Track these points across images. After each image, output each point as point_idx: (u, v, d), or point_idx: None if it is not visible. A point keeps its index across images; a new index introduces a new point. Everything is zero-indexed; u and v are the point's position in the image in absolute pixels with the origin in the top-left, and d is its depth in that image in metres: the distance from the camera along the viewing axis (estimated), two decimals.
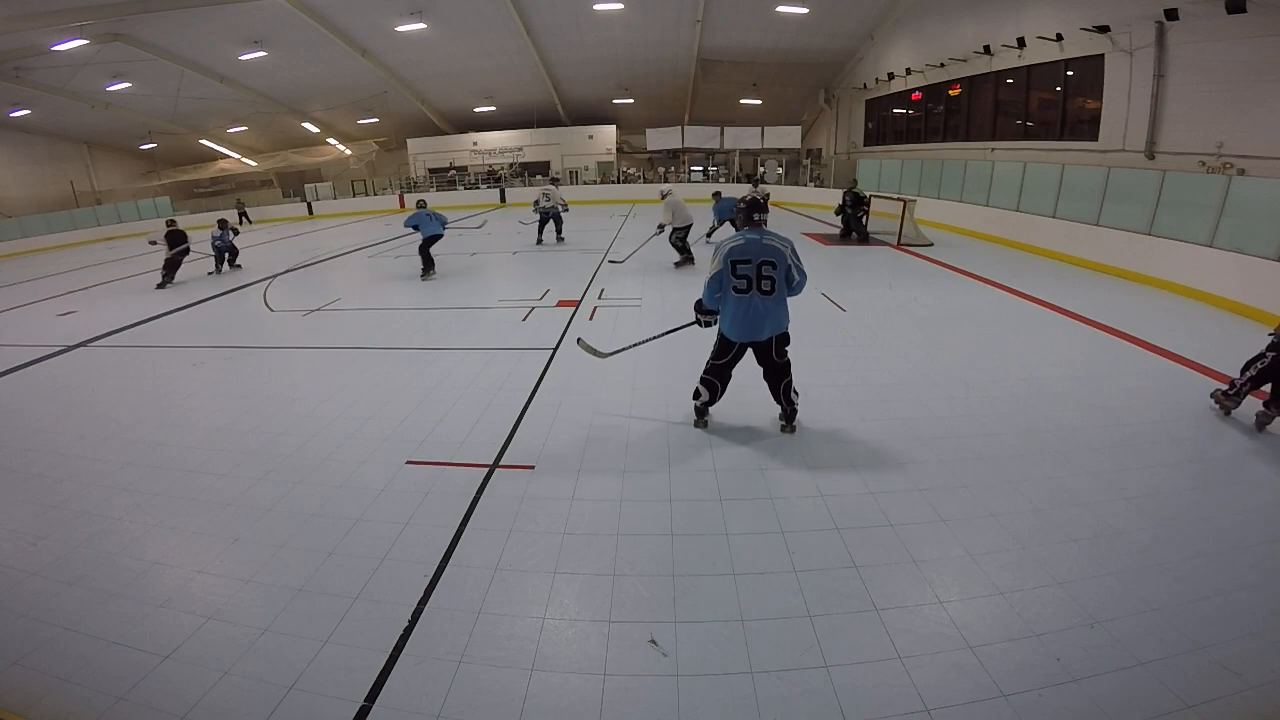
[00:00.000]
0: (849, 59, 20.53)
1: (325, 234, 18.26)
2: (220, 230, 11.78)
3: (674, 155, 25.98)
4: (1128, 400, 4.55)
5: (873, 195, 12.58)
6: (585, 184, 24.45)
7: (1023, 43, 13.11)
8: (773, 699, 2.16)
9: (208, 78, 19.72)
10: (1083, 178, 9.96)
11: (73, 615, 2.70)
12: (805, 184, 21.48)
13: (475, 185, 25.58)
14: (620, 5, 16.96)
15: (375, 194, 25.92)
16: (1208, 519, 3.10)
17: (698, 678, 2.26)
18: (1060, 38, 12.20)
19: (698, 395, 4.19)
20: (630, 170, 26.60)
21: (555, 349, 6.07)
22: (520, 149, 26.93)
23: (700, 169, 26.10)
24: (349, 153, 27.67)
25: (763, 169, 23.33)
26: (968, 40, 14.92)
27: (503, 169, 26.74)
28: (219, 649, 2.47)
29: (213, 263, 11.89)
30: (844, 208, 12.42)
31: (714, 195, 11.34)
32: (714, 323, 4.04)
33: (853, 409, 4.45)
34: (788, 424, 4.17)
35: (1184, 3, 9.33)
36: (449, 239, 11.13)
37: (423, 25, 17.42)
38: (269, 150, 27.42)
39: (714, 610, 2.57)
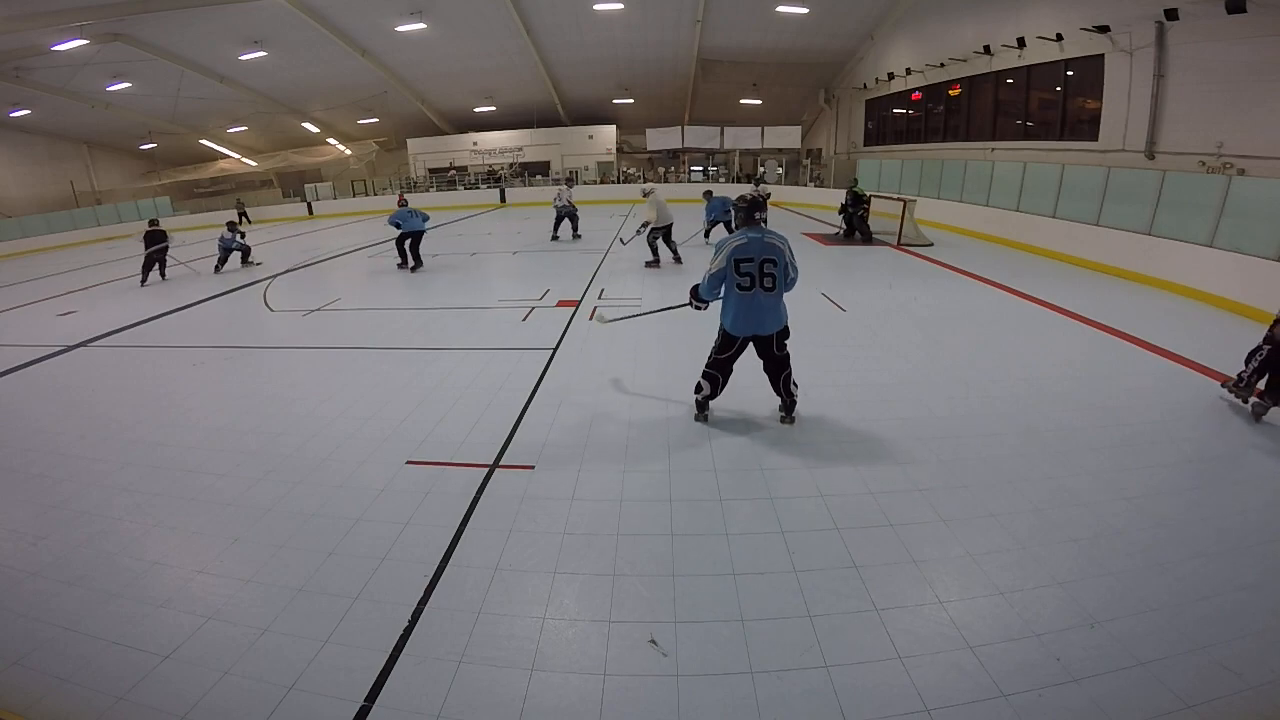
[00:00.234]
0: (849, 59, 20.54)
1: (325, 234, 18.26)
2: (230, 233, 12.07)
3: (674, 155, 25.97)
4: (1128, 400, 4.55)
5: (873, 195, 12.58)
6: (585, 184, 24.44)
7: (1023, 43, 13.11)
8: (773, 699, 2.16)
9: (208, 78, 19.73)
10: (1083, 178, 9.96)
11: (73, 615, 2.70)
12: (805, 184, 21.49)
13: (475, 185, 25.57)
14: (620, 5, 16.96)
15: (375, 194, 25.91)
16: (1208, 519, 3.10)
17: (698, 678, 2.26)
18: (1060, 38, 12.20)
19: (699, 389, 4.28)
20: (630, 170, 26.59)
21: (555, 349, 6.07)
22: (520, 149, 26.93)
23: (700, 169, 26.09)
24: (349, 153, 27.68)
25: (763, 169, 23.32)
26: (968, 40, 14.91)
27: (503, 169, 26.74)
28: (219, 649, 2.47)
29: (216, 261, 12.07)
30: (845, 207, 12.43)
31: (705, 194, 11.50)
32: (704, 308, 4.30)
33: (853, 409, 4.45)
34: (787, 415, 4.27)
35: (1184, 3, 9.33)
36: (449, 239, 11.21)
37: (423, 25, 17.42)
38: (269, 150, 27.43)
39: (714, 610, 2.57)
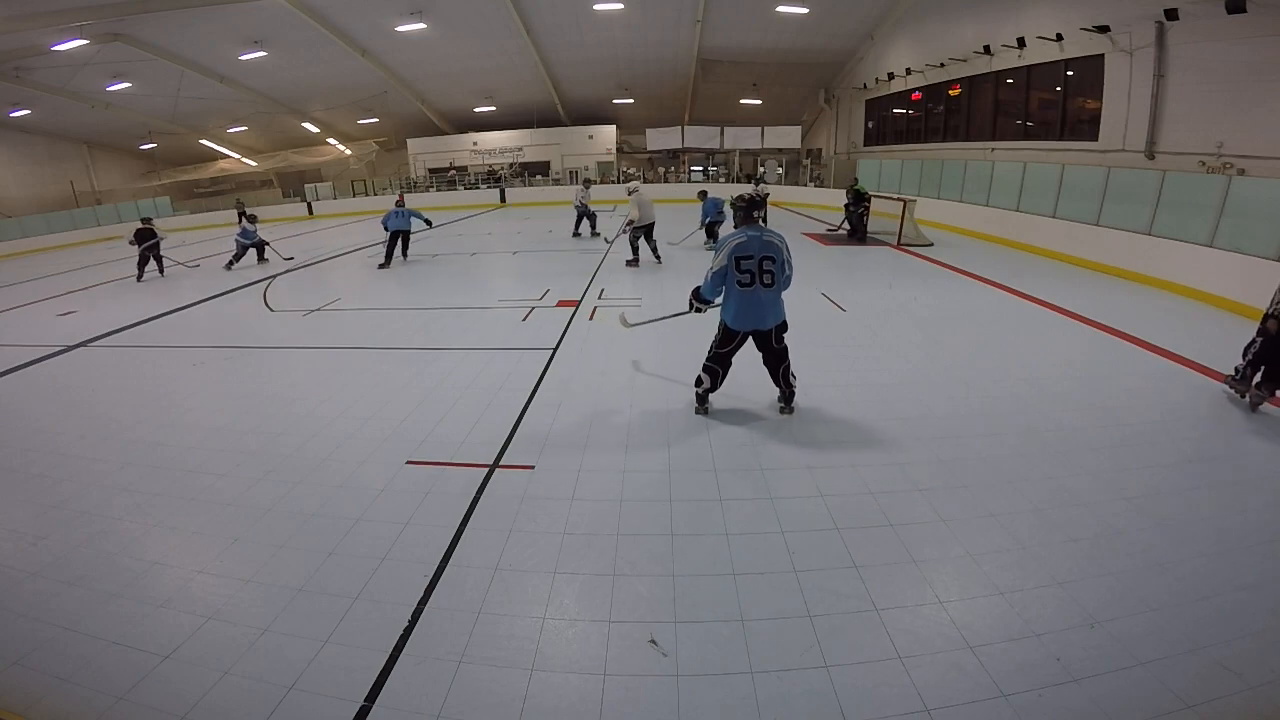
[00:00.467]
0: (849, 59, 20.53)
1: (325, 234, 18.25)
2: (251, 225, 12.45)
3: (674, 155, 25.97)
4: (1128, 400, 4.55)
5: (873, 195, 12.57)
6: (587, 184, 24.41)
7: (1023, 43, 13.10)
8: (773, 699, 2.16)
9: (208, 78, 19.72)
10: (1083, 178, 9.96)
11: (73, 615, 2.70)
12: (805, 184, 21.48)
13: (475, 185, 25.56)
14: (620, 5, 16.94)
15: (375, 194, 25.90)
16: (1208, 519, 3.10)
17: (698, 678, 2.26)
18: (1060, 38, 12.19)
19: (700, 383, 4.38)
20: (630, 170, 26.57)
21: (555, 349, 6.07)
22: (520, 149, 26.91)
23: (700, 169, 26.08)
24: (349, 153, 27.66)
25: (763, 169, 23.31)
26: (968, 40, 14.91)
27: (503, 169, 26.73)
28: (219, 649, 2.47)
29: (232, 257, 12.37)
30: (848, 206, 12.44)
31: (700, 194, 11.71)
32: (704, 310, 4.42)
33: (853, 409, 4.45)
34: (787, 405, 4.40)
35: (1184, 3, 9.33)
36: (449, 239, 11.23)
37: (423, 25, 17.40)
38: (269, 150, 27.41)
39: (714, 610, 2.57)
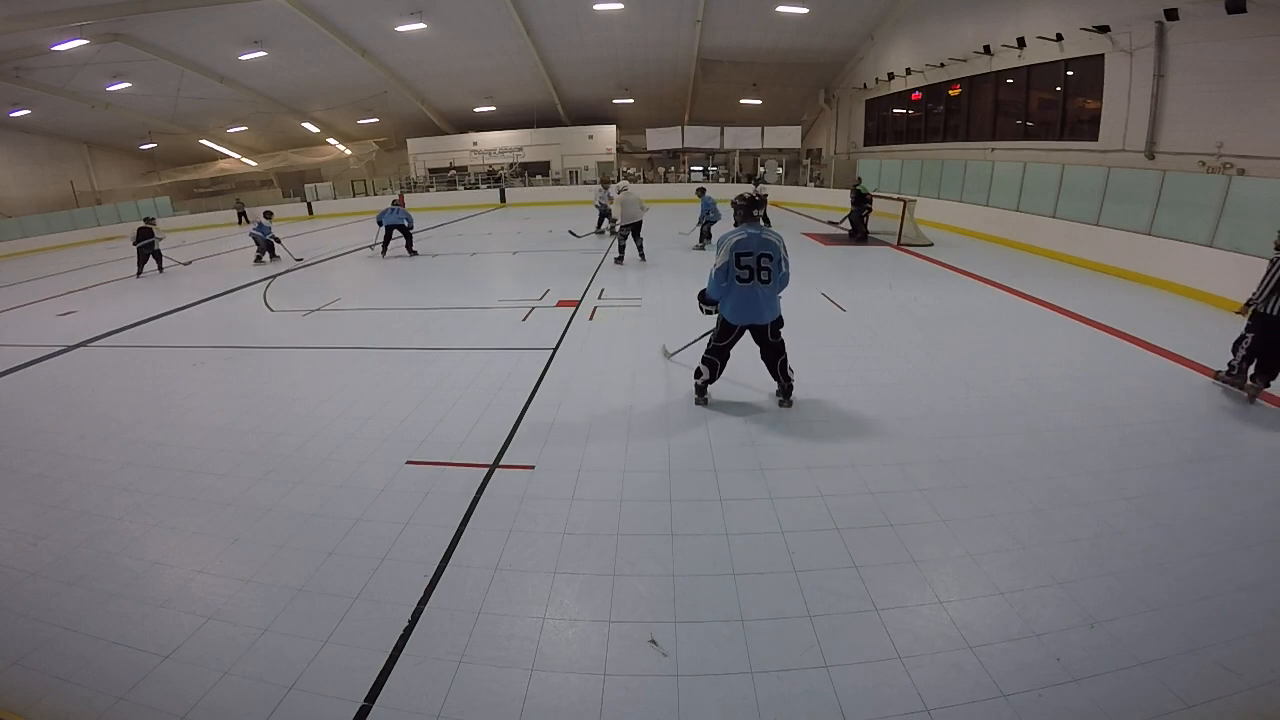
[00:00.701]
0: (849, 59, 20.53)
1: (325, 234, 18.25)
2: (268, 221, 12.97)
3: (674, 155, 25.97)
4: (1128, 400, 4.55)
5: (874, 195, 12.57)
6: (585, 184, 24.43)
7: (1023, 43, 13.11)
8: (773, 699, 2.16)
9: (208, 78, 19.72)
10: (1083, 178, 9.96)
11: (73, 615, 2.70)
12: (805, 184, 21.49)
13: (475, 185, 25.56)
14: (620, 5, 16.94)
15: (375, 194, 25.89)
16: (1208, 519, 3.10)
17: (698, 678, 2.26)
18: (1060, 38, 12.19)
19: (699, 374, 4.54)
20: (630, 170, 26.57)
21: (555, 349, 6.07)
22: (520, 149, 26.91)
23: (700, 169, 26.09)
24: (349, 153, 27.66)
25: (763, 169, 23.31)
26: (968, 40, 14.91)
27: (503, 169, 26.73)
28: (219, 649, 2.47)
29: (256, 253, 12.91)
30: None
31: (698, 191, 12.11)
32: (714, 311, 4.40)
33: (853, 409, 4.45)
34: (785, 399, 4.50)
35: (1184, 3, 9.33)
36: (449, 239, 11.28)
37: (423, 25, 17.41)
38: (269, 150, 27.41)
39: (714, 610, 2.57)
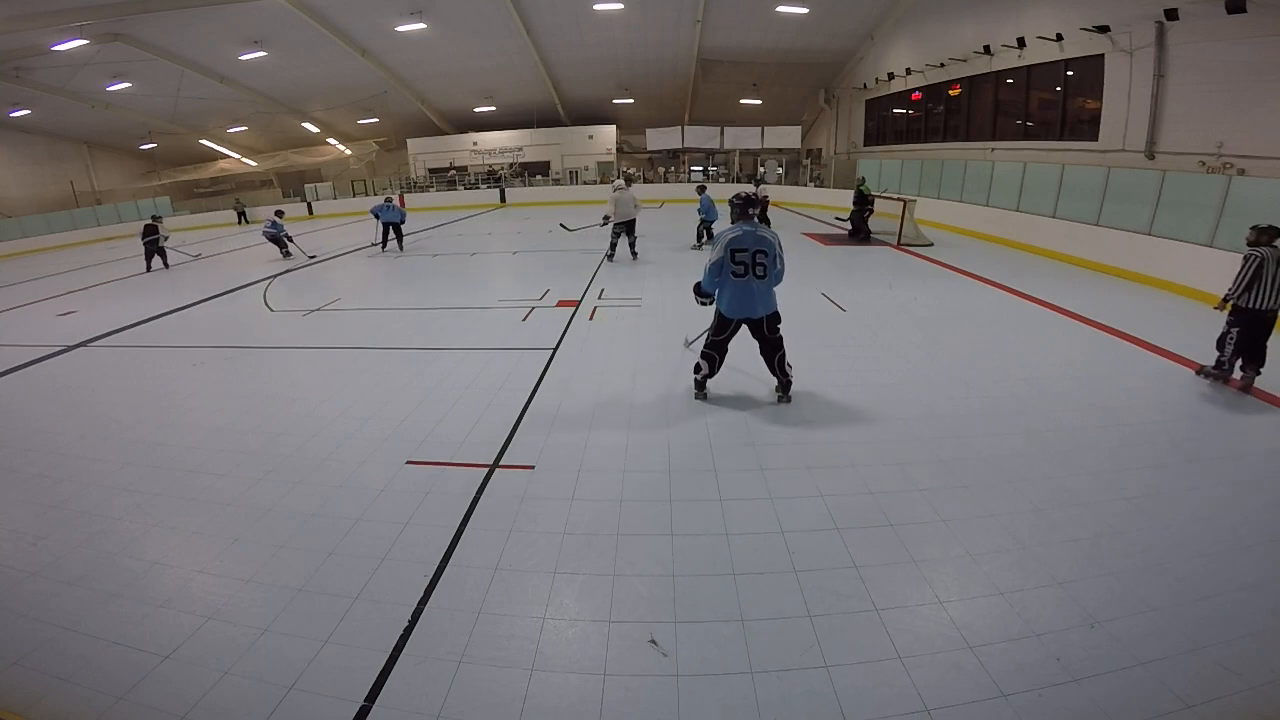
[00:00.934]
0: (849, 59, 20.52)
1: (325, 234, 18.23)
2: (279, 218, 13.39)
3: (674, 155, 25.97)
4: (1128, 400, 4.55)
5: (876, 195, 12.57)
6: (585, 184, 24.44)
7: (1023, 43, 13.10)
8: (773, 699, 2.16)
9: (208, 78, 19.71)
10: (1083, 178, 9.96)
11: (73, 615, 2.70)
12: (805, 184, 21.48)
13: (475, 185, 25.56)
14: (620, 5, 16.94)
15: (375, 194, 25.86)
16: (1208, 519, 3.10)
17: (698, 678, 2.26)
18: (1060, 38, 12.19)
19: (698, 369, 4.65)
20: (630, 170, 26.57)
21: (555, 349, 6.07)
22: (520, 149, 26.90)
23: (700, 169, 26.09)
24: (349, 153, 27.65)
25: (763, 169, 23.31)
26: (968, 40, 14.90)
27: (503, 169, 26.72)
28: (219, 649, 2.47)
29: (276, 251, 13.52)
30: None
31: (699, 189, 12.30)
32: (708, 303, 4.53)
33: (853, 409, 4.45)
34: (784, 394, 4.60)
35: (1184, 3, 9.32)
36: (449, 239, 11.34)
37: (423, 25, 17.40)
38: (269, 150, 27.40)
39: (714, 610, 2.57)
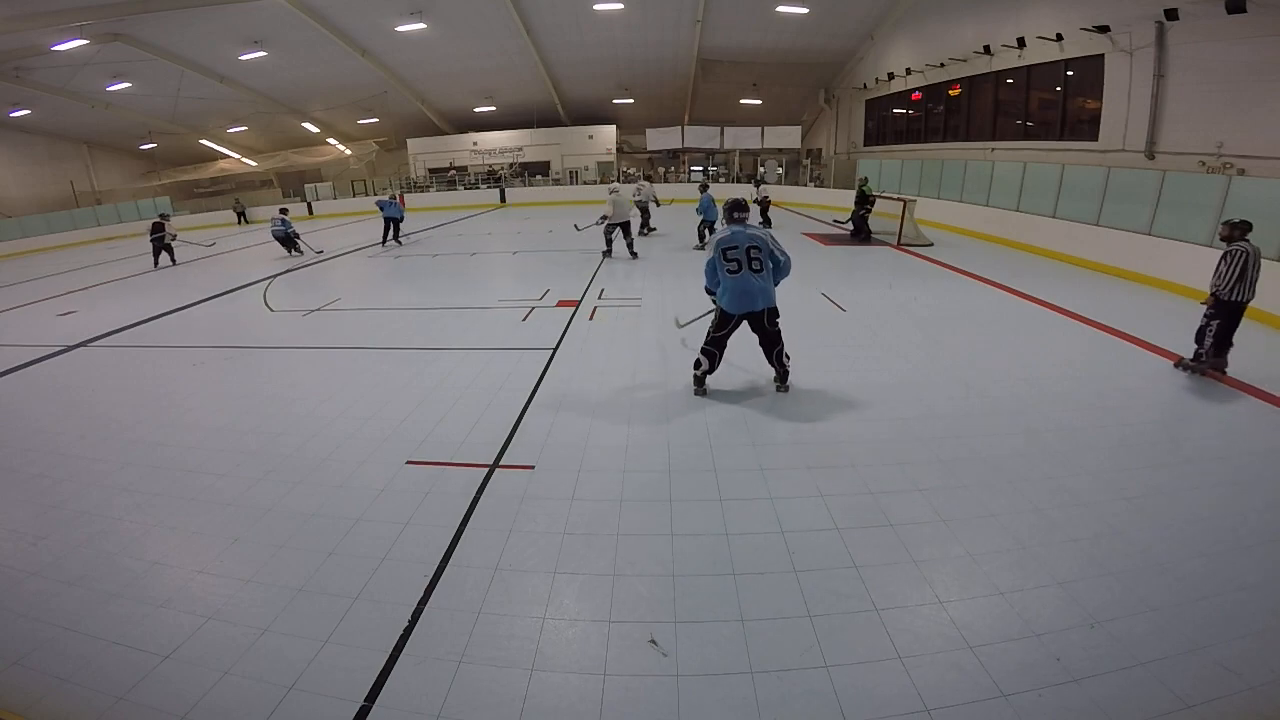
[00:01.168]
0: (849, 59, 20.52)
1: (325, 234, 18.23)
2: (283, 215, 13.64)
3: (674, 155, 25.97)
4: (1128, 400, 4.55)
5: (876, 196, 12.57)
6: (585, 184, 24.44)
7: (1023, 43, 13.10)
8: (773, 699, 2.16)
9: (208, 78, 19.70)
10: (1083, 178, 9.95)
11: (73, 615, 2.70)
12: (805, 184, 21.48)
13: (475, 185, 25.56)
14: (620, 5, 16.94)
15: (375, 194, 25.87)
16: (1207, 519, 3.10)
17: (698, 678, 2.26)
18: (1060, 38, 12.19)
19: (698, 365, 4.72)
20: (630, 170, 26.57)
21: (555, 349, 6.07)
22: (520, 149, 26.89)
23: (700, 169, 26.10)
24: (349, 153, 27.64)
25: (763, 169, 23.31)
26: (968, 40, 14.90)
27: (503, 169, 26.72)
28: (219, 649, 2.47)
29: (289, 249, 13.67)
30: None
31: (701, 188, 12.44)
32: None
33: (853, 409, 4.45)
34: (782, 384, 4.77)
35: (1184, 3, 9.33)
36: (449, 239, 11.39)
37: (423, 25, 17.40)
38: (269, 150, 27.39)
39: (714, 610, 2.57)
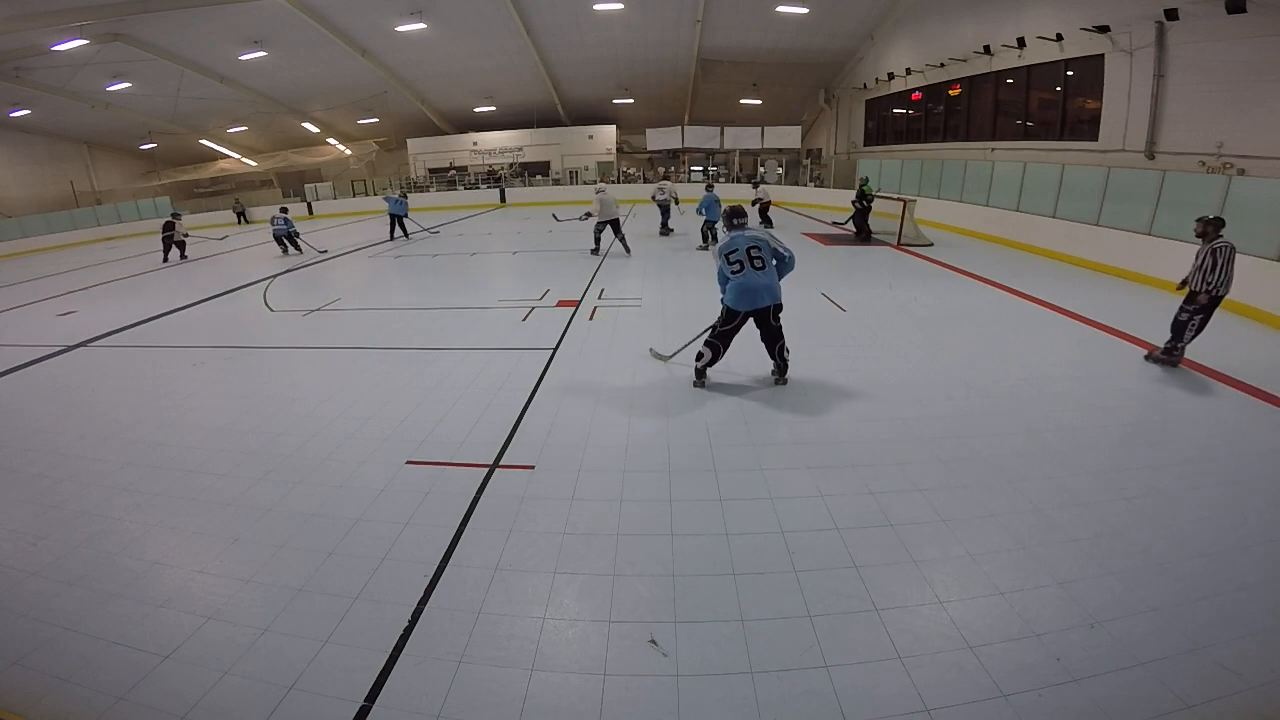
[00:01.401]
0: (849, 59, 20.53)
1: (325, 234, 18.22)
2: (282, 214, 13.92)
3: (674, 155, 25.98)
4: (1128, 400, 4.55)
5: (875, 195, 12.57)
6: (585, 184, 24.44)
7: (1023, 43, 13.11)
8: (773, 699, 2.16)
9: (208, 78, 19.71)
10: (1083, 178, 9.95)
11: (73, 615, 2.70)
12: (805, 184, 21.49)
13: (475, 185, 25.56)
14: (620, 5, 16.95)
15: (375, 194, 25.87)
16: (1208, 519, 3.10)
17: (698, 678, 2.26)
18: (1060, 38, 12.19)
19: (700, 357, 4.84)
20: (630, 170, 26.58)
21: (555, 349, 6.07)
22: (520, 149, 26.90)
23: (700, 169, 26.11)
24: (349, 153, 27.64)
25: (763, 169, 23.32)
26: (968, 40, 14.91)
27: (503, 169, 26.73)
28: (219, 649, 2.47)
29: (284, 248, 13.90)
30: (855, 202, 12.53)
31: (707, 187, 12.75)
32: None
33: (853, 409, 4.45)
34: (780, 376, 4.92)
35: (1184, 3, 9.33)
36: (449, 239, 11.45)
37: (423, 25, 17.41)
38: (269, 150, 27.40)
39: (714, 610, 2.57)
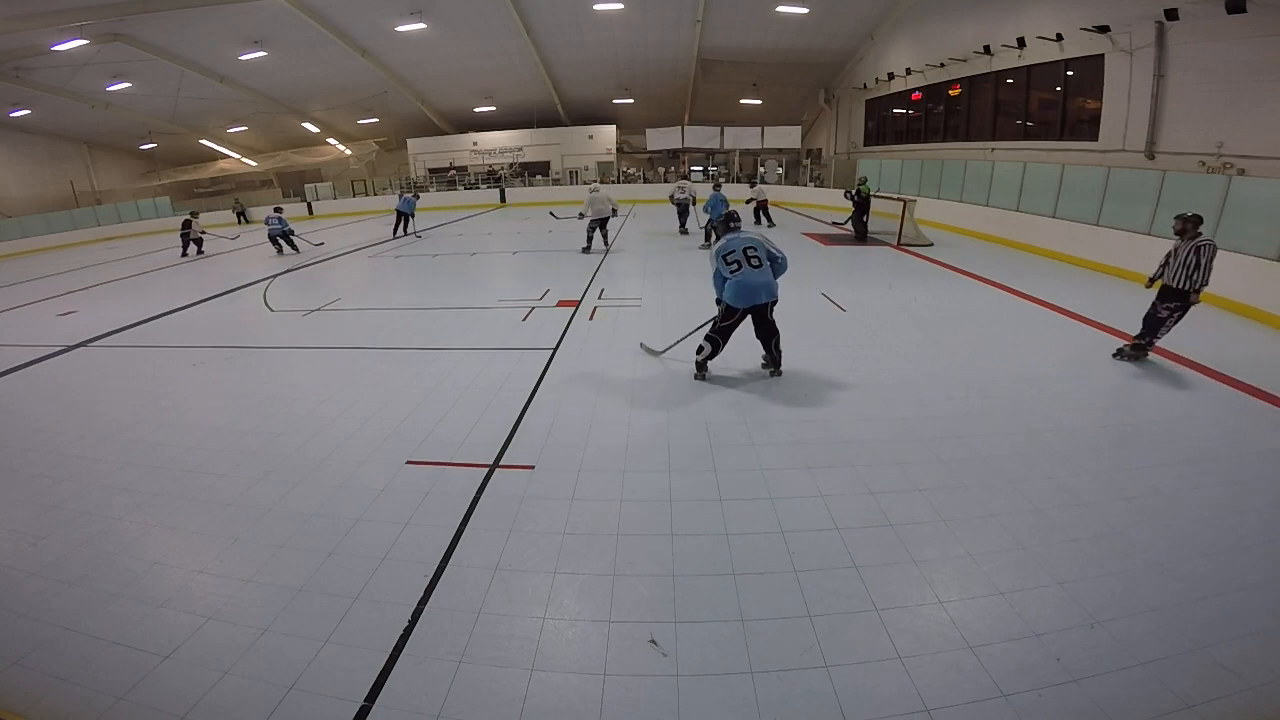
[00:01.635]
0: (849, 59, 20.53)
1: (325, 234, 18.20)
2: (277, 213, 14.10)
3: (674, 155, 25.98)
4: (1128, 400, 4.55)
5: (873, 195, 12.57)
6: (585, 184, 24.43)
7: (1023, 43, 13.11)
8: (773, 699, 2.16)
9: (208, 78, 19.71)
10: (1083, 178, 9.96)
11: (73, 615, 2.70)
12: (805, 184, 21.49)
13: (475, 185, 25.56)
14: (620, 5, 16.95)
15: (375, 194, 25.90)
16: (1207, 519, 3.10)
17: (698, 678, 2.26)
18: (1060, 38, 12.19)
19: (700, 350, 4.94)
20: (630, 170, 26.58)
21: (555, 349, 6.07)
22: (520, 149, 26.91)
23: (700, 169, 26.12)
24: (349, 153, 27.64)
25: (763, 169, 23.32)
26: (968, 40, 14.91)
27: (503, 169, 26.73)
28: (219, 649, 2.47)
29: (278, 248, 14.10)
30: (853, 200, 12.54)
31: (715, 187, 12.93)
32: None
33: (853, 409, 4.45)
34: (775, 369, 5.06)
35: (1184, 3, 9.33)
36: (449, 239, 11.46)
37: (423, 25, 17.41)
38: (269, 150, 27.40)
39: (714, 610, 2.57)
